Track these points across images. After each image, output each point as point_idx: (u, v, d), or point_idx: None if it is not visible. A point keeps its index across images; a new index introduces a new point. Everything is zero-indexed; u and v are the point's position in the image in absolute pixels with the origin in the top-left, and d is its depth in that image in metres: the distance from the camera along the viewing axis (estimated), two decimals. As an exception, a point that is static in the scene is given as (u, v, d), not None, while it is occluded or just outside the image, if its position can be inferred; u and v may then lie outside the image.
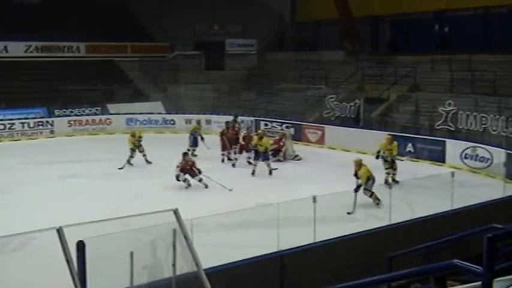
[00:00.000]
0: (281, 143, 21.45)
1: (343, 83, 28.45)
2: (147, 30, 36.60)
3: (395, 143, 17.60)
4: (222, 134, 20.88)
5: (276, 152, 21.00)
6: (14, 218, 13.07)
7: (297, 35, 37.97)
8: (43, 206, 14.34)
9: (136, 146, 19.76)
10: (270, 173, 18.52)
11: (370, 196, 14.03)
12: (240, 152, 20.45)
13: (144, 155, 19.92)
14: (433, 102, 23.85)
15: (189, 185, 16.58)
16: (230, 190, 15.92)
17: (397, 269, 5.92)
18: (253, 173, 18.46)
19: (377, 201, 13.94)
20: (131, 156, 19.49)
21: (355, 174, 14.37)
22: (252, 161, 19.16)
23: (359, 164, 14.52)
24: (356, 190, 13.93)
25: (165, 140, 25.15)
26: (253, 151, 19.37)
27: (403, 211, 12.31)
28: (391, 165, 17.06)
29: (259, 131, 21.31)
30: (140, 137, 20.07)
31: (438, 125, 22.63)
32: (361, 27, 34.24)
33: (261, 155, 18.77)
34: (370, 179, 14.24)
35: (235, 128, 21.52)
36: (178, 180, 16.51)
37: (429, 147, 20.95)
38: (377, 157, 17.33)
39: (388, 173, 16.91)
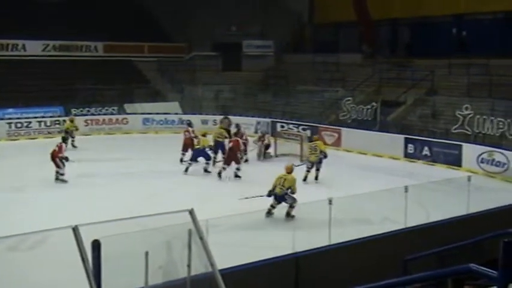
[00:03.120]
0: (264, 141, 21.70)
1: (360, 86, 28.37)
2: (165, 30, 36.72)
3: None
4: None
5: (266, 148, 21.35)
6: (31, 216, 13.18)
7: (314, 36, 37.88)
8: (60, 205, 14.44)
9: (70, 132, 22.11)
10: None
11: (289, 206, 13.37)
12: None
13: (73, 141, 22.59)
14: (450, 106, 23.71)
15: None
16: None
17: (412, 272, 5.90)
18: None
19: (290, 217, 13.26)
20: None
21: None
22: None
23: (290, 171, 13.99)
24: (268, 195, 13.57)
25: (181, 141, 25.16)
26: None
27: (418, 215, 12.24)
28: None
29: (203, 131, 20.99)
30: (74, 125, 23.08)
31: (455, 129, 22.50)
32: (380, 30, 34.12)
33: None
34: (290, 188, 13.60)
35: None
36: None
37: (445, 151, 20.86)
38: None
39: (308, 171, 17.87)
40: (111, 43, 34.62)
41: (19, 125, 26.92)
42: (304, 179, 17.46)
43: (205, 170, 18.75)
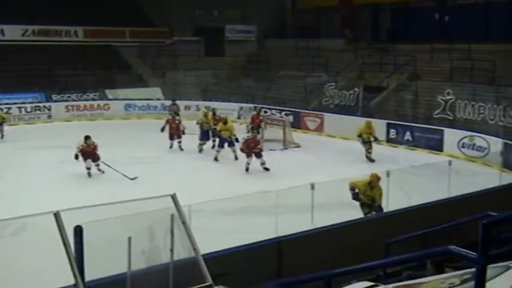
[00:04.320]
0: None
1: (342, 71, 28.40)
2: (146, 15, 36.39)
3: (373, 125, 19.37)
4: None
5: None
6: (12, 203, 13.09)
7: (297, 22, 37.80)
8: (41, 191, 14.36)
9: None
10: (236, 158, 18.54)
11: None
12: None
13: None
14: (432, 91, 23.86)
15: (90, 174, 16.55)
16: (132, 179, 15.93)
17: (393, 255, 5.95)
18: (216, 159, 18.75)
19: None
20: None
21: None
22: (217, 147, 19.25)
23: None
24: None
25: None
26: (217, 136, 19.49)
27: (400, 199, 12.35)
28: (370, 146, 18.83)
29: (222, 116, 21.03)
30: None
31: (436, 114, 22.65)
32: (361, 15, 34.11)
33: (225, 141, 18.92)
34: None
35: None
36: (76, 159, 16.57)
37: (427, 136, 21.03)
38: (360, 136, 19.03)
39: (369, 151, 18.79)
40: (92, 28, 34.11)
41: (-2, 111, 26.60)
42: None
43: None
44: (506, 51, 23.35)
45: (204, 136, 20.36)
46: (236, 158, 18.51)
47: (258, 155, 17.32)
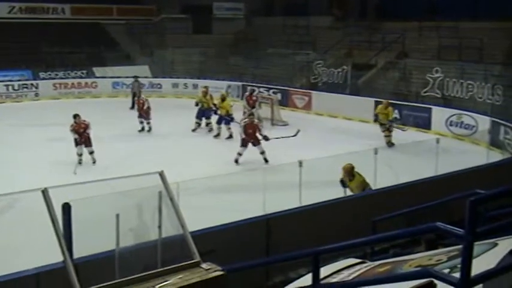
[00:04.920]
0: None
1: (331, 49, 28.33)
2: (134, -8, 36.10)
3: (390, 108, 18.47)
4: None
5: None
6: (1, 180, 13.02)
7: (285, -1, 37.59)
8: (28, 169, 14.29)
9: None
10: (230, 136, 18.76)
11: None
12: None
13: None
14: (421, 69, 23.87)
15: (80, 162, 15.46)
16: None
17: (380, 232, 5.99)
18: (216, 136, 19.10)
19: None
20: None
21: None
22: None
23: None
24: None
25: (151, 104, 24.99)
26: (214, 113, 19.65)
27: (387, 176, 12.40)
28: (387, 129, 18.02)
29: (222, 93, 21.15)
30: None
31: (425, 92, 22.71)
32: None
33: (222, 119, 19.10)
34: None
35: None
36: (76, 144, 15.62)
37: (415, 114, 21.08)
38: (375, 120, 18.70)
39: (386, 136, 17.93)
40: (79, 5, 33.83)
41: (-15, 89, 26.42)
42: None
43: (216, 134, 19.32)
44: (495, 29, 23.39)
45: (201, 115, 20.30)
46: (231, 136, 18.70)
47: (256, 143, 16.01)
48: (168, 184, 5.40)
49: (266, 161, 15.68)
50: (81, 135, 15.48)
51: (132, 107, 23.52)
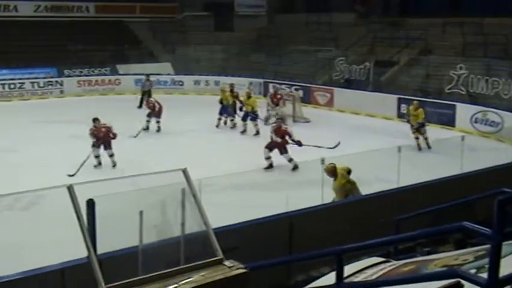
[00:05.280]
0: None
1: (353, 46, 28.19)
2: (156, -10, 36.27)
3: (421, 109, 17.56)
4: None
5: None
6: (24, 176, 13.17)
7: (307, -4, 37.46)
8: (52, 165, 14.42)
9: None
10: (257, 133, 18.85)
11: None
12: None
13: None
14: (444, 65, 23.64)
15: (100, 163, 14.96)
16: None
17: (404, 232, 5.93)
18: (243, 132, 19.25)
19: None
20: None
21: None
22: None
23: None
24: None
25: (173, 101, 25.11)
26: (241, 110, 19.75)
27: (411, 175, 12.29)
28: (416, 130, 17.12)
29: (247, 90, 21.18)
30: None
31: (449, 89, 22.48)
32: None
33: (247, 116, 19.20)
34: None
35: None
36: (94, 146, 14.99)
37: (439, 111, 20.87)
38: (407, 121, 17.87)
39: (416, 138, 17.03)
40: (103, 4, 34.23)
41: (12, 86, 26.78)
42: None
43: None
44: (520, 25, 23.07)
45: (223, 112, 20.34)
46: (257, 133, 18.82)
47: (283, 151, 14.87)
48: (191, 181, 5.40)
49: (296, 167, 14.41)
50: (100, 139, 15.02)
51: (140, 106, 23.35)
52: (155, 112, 19.39)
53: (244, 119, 19.46)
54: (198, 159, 14.88)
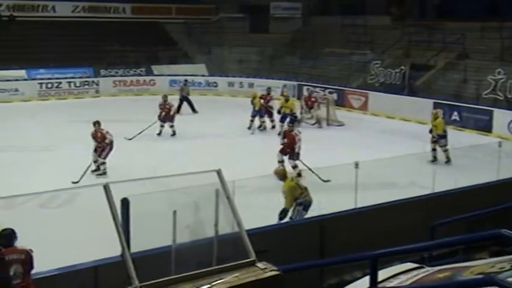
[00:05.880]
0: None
1: (388, 49, 27.96)
2: (192, -9, 36.51)
3: (439, 119, 16.40)
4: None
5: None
6: (60, 174, 13.36)
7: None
8: (87, 164, 14.57)
9: None
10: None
11: None
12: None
13: None
14: (482, 70, 23.30)
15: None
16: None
17: (439, 237, 5.86)
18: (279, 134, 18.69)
19: None
20: None
21: None
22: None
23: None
24: None
25: (207, 103, 25.23)
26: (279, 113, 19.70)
27: (446, 180, 12.12)
28: (435, 141, 15.88)
29: (285, 93, 21.14)
30: None
31: (486, 94, 22.13)
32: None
33: (286, 117, 19.13)
34: None
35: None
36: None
37: (476, 116, 20.57)
38: (430, 131, 16.20)
39: (433, 149, 15.77)
40: (139, 5, 34.60)
41: (49, 85, 27.25)
42: None
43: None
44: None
45: (255, 114, 20.34)
46: None
47: (292, 155, 14.60)
48: (225, 182, 5.41)
49: (299, 175, 13.62)
50: (100, 143, 14.67)
51: (178, 112, 22.52)
52: (169, 116, 18.93)
53: (282, 120, 19.35)
54: (231, 161, 14.89)
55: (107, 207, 4.97)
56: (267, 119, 20.36)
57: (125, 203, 5.31)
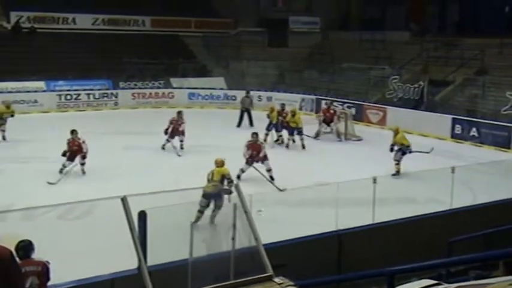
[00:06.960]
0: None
1: (407, 64, 27.91)
2: (212, 5, 36.69)
3: (400, 134, 16.58)
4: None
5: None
6: (78, 186, 13.46)
7: (362, 14, 37.33)
8: (106, 176, 14.70)
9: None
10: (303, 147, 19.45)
11: None
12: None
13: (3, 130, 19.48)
14: (501, 86, 23.16)
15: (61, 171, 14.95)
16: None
17: (456, 254, 5.83)
18: (287, 146, 19.72)
19: None
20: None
21: None
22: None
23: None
24: None
25: (225, 116, 25.28)
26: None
27: (464, 196, 12.05)
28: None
29: (292, 109, 21.17)
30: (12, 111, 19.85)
31: (505, 110, 21.98)
32: (428, 7, 33.36)
33: (294, 131, 19.59)
34: None
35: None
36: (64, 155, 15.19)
37: (494, 133, 20.42)
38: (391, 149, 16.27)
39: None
40: (159, 18, 34.81)
41: (68, 97, 27.49)
42: None
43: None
44: None
45: (270, 127, 20.37)
46: (303, 147, 19.32)
47: (263, 160, 15.36)
48: (243, 196, 5.43)
49: (272, 178, 14.75)
50: (73, 152, 15.17)
51: (239, 125, 23.07)
52: (179, 131, 18.56)
53: (291, 133, 19.78)
54: (248, 174, 14.95)
55: (124, 219, 5.01)
56: (284, 134, 20.36)
57: (142, 216, 5.35)
